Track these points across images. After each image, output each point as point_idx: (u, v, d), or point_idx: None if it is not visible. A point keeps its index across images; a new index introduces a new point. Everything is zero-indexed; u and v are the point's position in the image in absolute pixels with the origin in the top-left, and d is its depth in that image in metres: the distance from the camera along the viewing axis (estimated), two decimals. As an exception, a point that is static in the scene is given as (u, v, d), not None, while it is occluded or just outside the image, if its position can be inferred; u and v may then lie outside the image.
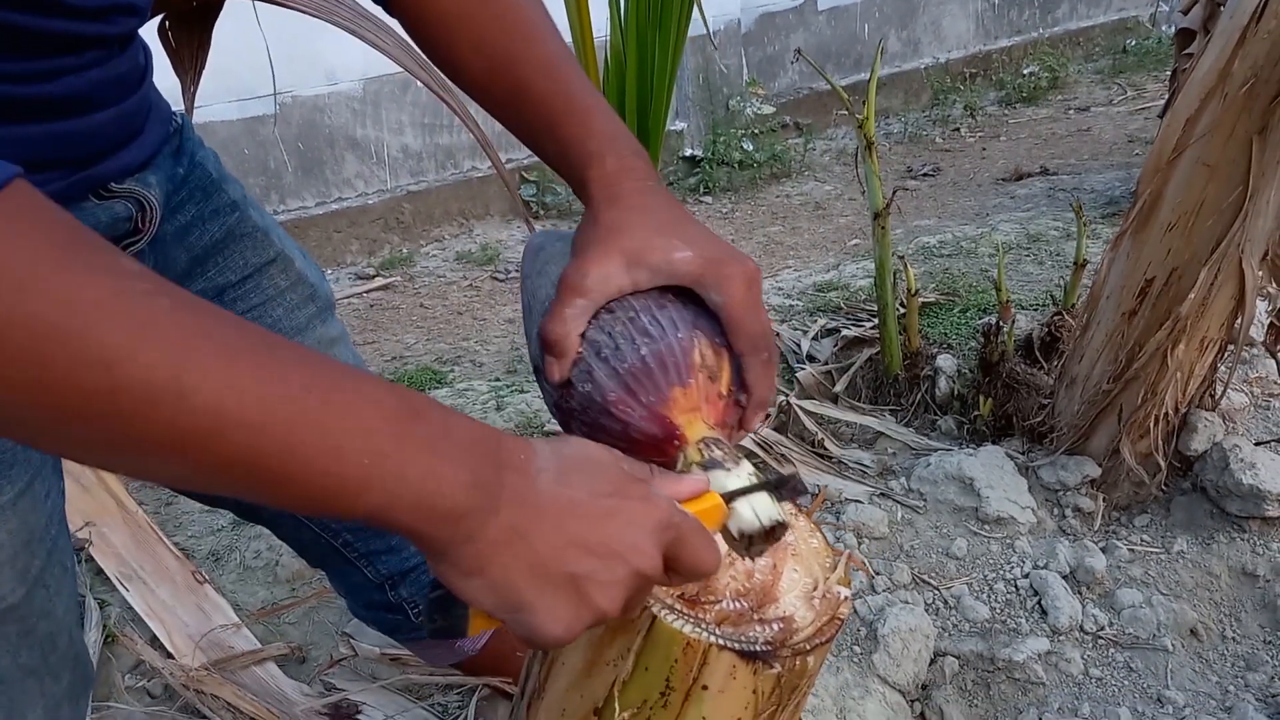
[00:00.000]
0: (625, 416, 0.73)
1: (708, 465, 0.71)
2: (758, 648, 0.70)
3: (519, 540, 0.58)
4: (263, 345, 0.53)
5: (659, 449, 0.74)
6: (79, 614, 0.95)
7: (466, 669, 1.67)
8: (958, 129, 5.94)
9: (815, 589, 0.77)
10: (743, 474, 0.71)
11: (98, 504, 2.06)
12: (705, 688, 0.71)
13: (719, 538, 0.69)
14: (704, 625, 0.71)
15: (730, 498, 0.70)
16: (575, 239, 0.80)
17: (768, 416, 2.53)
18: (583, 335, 0.75)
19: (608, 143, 0.82)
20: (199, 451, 0.50)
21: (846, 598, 0.76)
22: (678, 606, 0.72)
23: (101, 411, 0.47)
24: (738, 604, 0.74)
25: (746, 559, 0.72)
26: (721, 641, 0.70)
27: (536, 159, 0.93)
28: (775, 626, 0.72)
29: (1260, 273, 1.87)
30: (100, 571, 1.94)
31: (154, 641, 1.82)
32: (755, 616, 0.73)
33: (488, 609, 0.60)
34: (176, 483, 0.57)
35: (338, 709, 1.69)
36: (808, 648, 0.71)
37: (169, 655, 1.78)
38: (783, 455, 2.32)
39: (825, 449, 2.38)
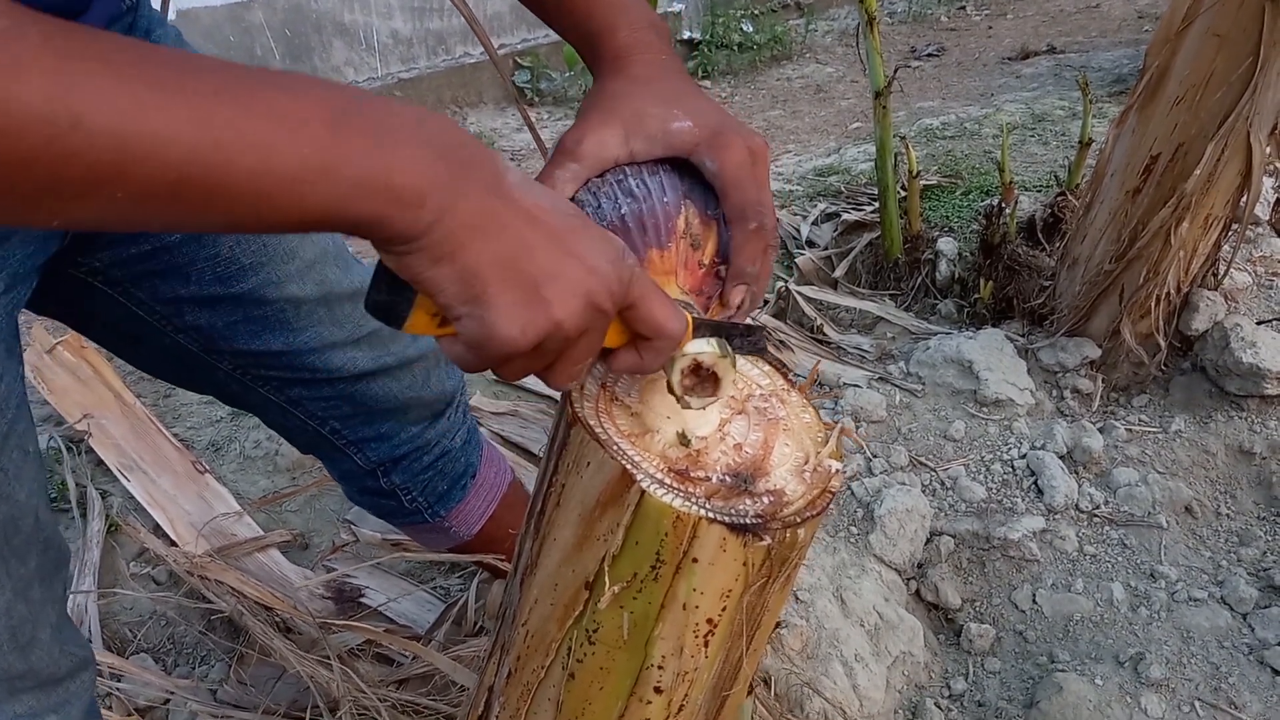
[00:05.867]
0: None
1: None
2: (748, 520, 0.69)
3: (492, 225, 0.56)
4: (159, 58, 0.48)
5: None
6: (47, 498, 0.94)
7: (461, 553, 1.68)
8: (964, 7, 5.79)
9: (806, 463, 0.76)
10: (704, 334, 0.69)
11: (95, 396, 2.06)
12: (695, 560, 0.70)
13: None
14: (694, 499, 0.70)
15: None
16: (580, 107, 0.78)
17: (765, 303, 2.51)
18: (571, 200, 0.73)
19: (620, 14, 0.80)
20: (114, 181, 0.46)
21: (838, 471, 0.75)
22: (667, 481, 0.71)
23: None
24: (727, 478, 0.73)
25: (684, 401, 0.71)
26: (711, 514, 0.69)
27: (530, 44, 0.91)
28: (765, 500, 0.72)
29: (1268, 148, 1.82)
30: (101, 463, 1.95)
31: (157, 530, 1.83)
32: (745, 490, 0.72)
33: (446, 300, 0.57)
34: (115, 224, 0.51)
35: (341, 592, 1.71)
36: (798, 520, 0.71)
37: (172, 543, 1.80)
38: (781, 341, 2.31)
39: (824, 334, 2.37)
